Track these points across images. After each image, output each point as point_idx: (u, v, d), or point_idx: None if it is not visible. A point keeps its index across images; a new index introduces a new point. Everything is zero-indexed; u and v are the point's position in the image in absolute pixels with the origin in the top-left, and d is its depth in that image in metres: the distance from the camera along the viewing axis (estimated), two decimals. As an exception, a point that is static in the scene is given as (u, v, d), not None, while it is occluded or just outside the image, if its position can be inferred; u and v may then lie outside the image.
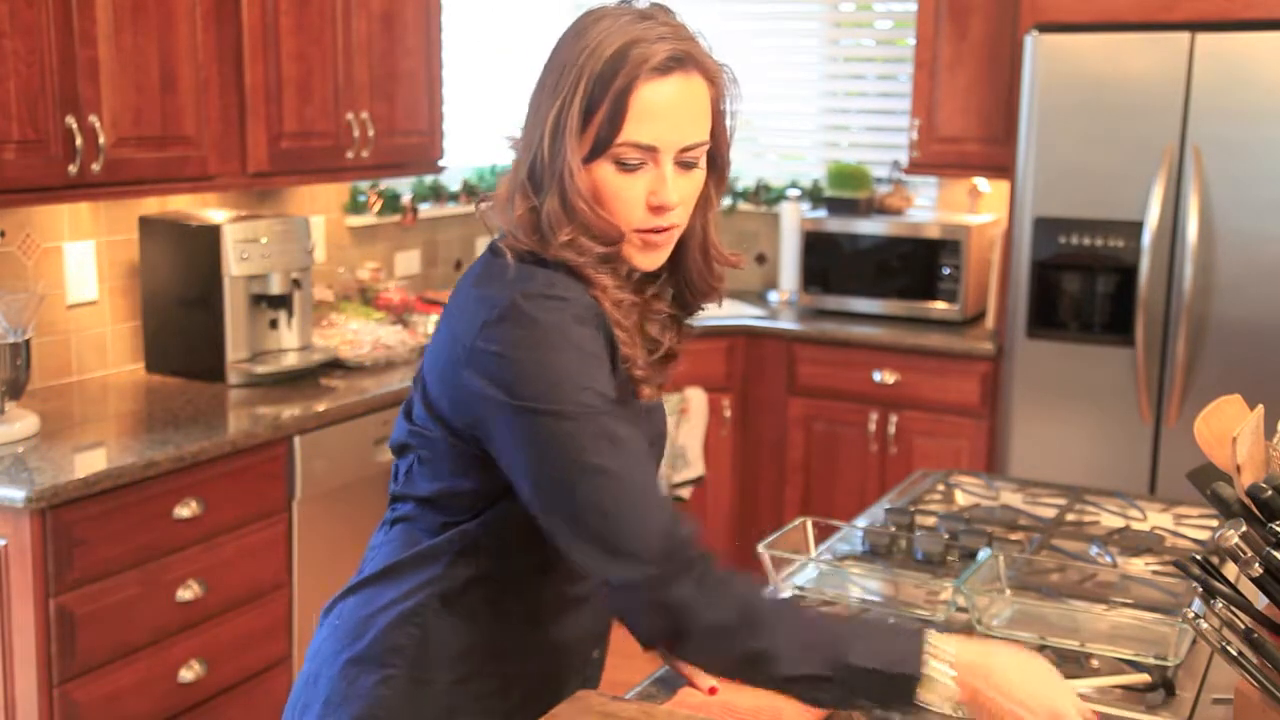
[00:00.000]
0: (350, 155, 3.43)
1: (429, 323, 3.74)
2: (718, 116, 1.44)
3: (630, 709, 1.43)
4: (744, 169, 4.89)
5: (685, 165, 1.39)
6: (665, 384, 1.50)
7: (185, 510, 2.63)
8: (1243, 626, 1.23)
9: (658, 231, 1.39)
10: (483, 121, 4.57)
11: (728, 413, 4.24)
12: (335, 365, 3.37)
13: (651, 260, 1.42)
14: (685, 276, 1.50)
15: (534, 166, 1.39)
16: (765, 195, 4.80)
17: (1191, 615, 1.28)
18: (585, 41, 1.37)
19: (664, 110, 1.36)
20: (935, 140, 4.14)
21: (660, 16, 1.42)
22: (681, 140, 1.38)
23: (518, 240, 1.39)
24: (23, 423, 2.64)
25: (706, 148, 1.42)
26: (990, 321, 4.15)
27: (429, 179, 4.24)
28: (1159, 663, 1.54)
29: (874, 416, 4.05)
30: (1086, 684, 1.52)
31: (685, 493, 4.23)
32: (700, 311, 1.56)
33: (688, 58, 1.39)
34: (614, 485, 1.31)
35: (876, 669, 1.27)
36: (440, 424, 1.39)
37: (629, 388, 1.40)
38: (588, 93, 1.35)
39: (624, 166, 1.36)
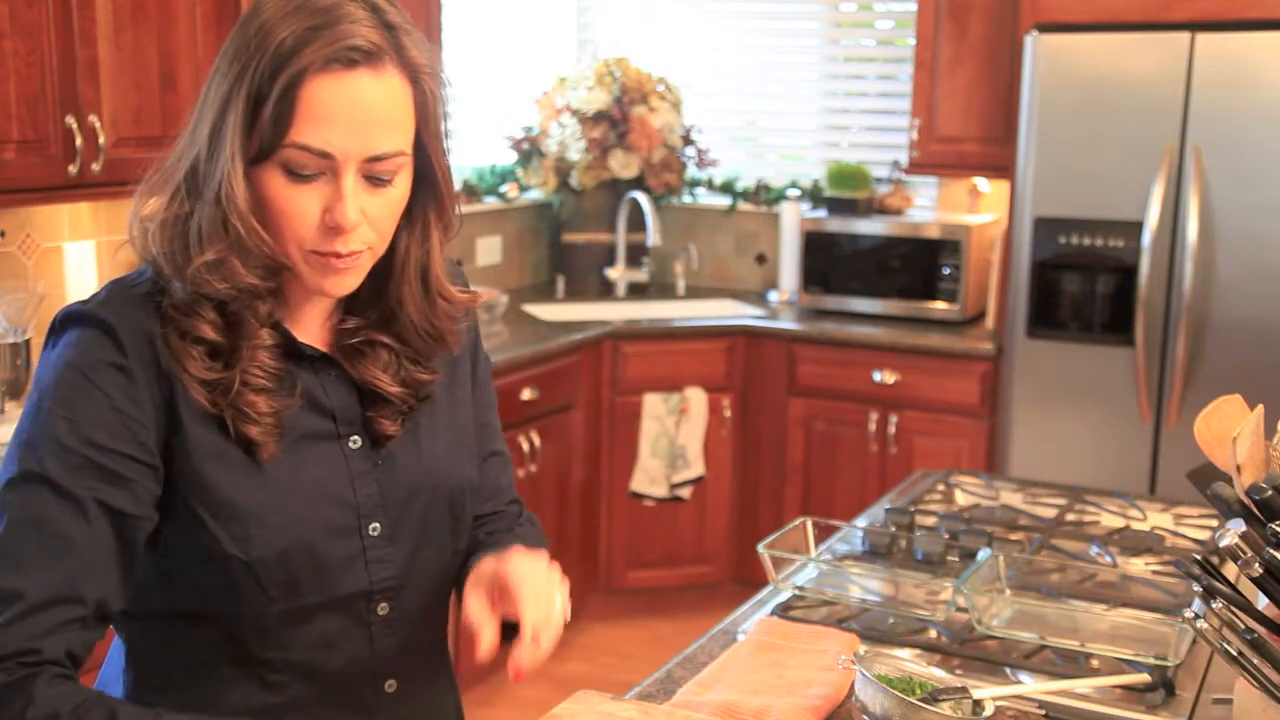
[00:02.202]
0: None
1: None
2: (426, 125, 1.21)
3: (630, 709, 1.43)
4: (744, 169, 4.89)
5: (376, 180, 1.17)
6: (395, 432, 1.28)
7: (185, 510, 2.63)
8: (1243, 626, 1.23)
9: (337, 256, 1.17)
10: (482, 121, 4.57)
11: (728, 413, 4.24)
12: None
13: (336, 285, 1.20)
14: (402, 314, 1.28)
15: (194, 166, 1.17)
16: (765, 195, 4.80)
17: (1191, 615, 1.28)
18: (258, 23, 1.14)
19: (343, 111, 1.13)
20: (935, 140, 4.14)
21: None
22: (365, 149, 1.14)
23: (149, 257, 1.19)
24: (23, 423, 2.64)
25: (405, 160, 1.19)
26: (990, 321, 4.15)
27: (429, 179, 4.23)
28: (1159, 663, 1.54)
29: (874, 416, 4.05)
30: (1086, 684, 1.52)
31: (685, 493, 4.23)
32: (433, 354, 1.32)
33: (381, 50, 1.15)
34: None
35: None
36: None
37: (249, 446, 1.19)
38: (254, 83, 1.13)
39: (295, 176, 1.14)
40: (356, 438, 1.28)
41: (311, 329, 1.28)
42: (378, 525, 1.27)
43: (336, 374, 1.28)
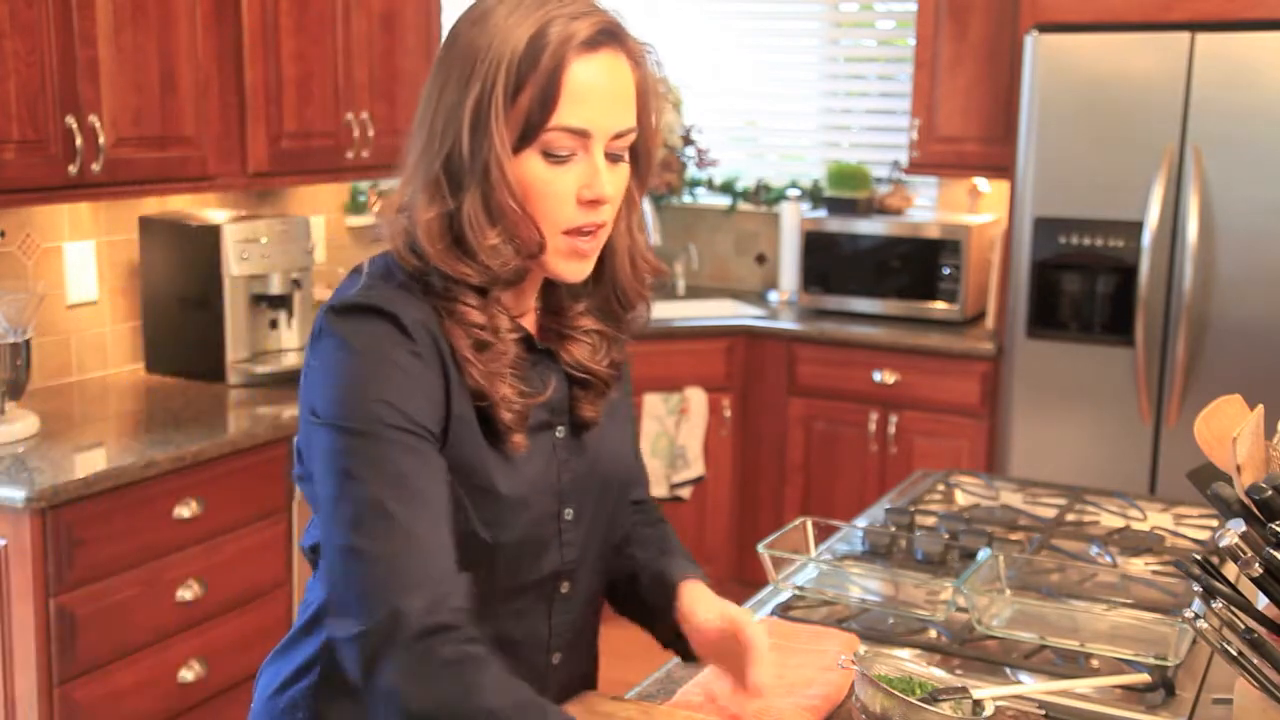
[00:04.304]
0: (350, 155, 3.43)
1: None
2: (644, 103, 1.29)
3: (630, 709, 1.43)
4: (744, 169, 4.89)
5: (613, 157, 1.26)
6: (597, 416, 1.36)
7: (185, 510, 2.63)
8: (1243, 626, 1.23)
9: (587, 233, 1.25)
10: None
11: (728, 413, 4.24)
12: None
13: (578, 270, 1.28)
14: (615, 286, 1.36)
15: (449, 164, 1.23)
16: (765, 195, 4.80)
17: (1191, 615, 1.28)
18: (493, 24, 1.22)
19: (597, 90, 1.22)
20: (935, 140, 4.14)
21: None
22: (614, 125, 1.24)
23: (409, 253, 1.25)
24: (23, 423, 2.64)
25: (633, 137, 1.28)
26: (990, 321, 4.15)
27: (429, 179, 4.23)
28: (1159, 663, 1.54)
29: (874, 416, 4.05)
30: (1086, 684, 1.52)
31: (685, 493, 4.23)
32: (631, 326, 1.40)
33: (618, 32, 1.26)
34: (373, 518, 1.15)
35: None
36: (299, 457, 1.29)
37: (498, 432, 1.25)
38: (511, 76, 1.20)
39: (553, 157, 1.22)
40: (562, 427, 1.35)
41: (528, 322, 1.34)
42: (571, 510, 1.35)
43: (551, 365, 1.34)
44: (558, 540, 1.33)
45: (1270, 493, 1.25)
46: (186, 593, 2.65)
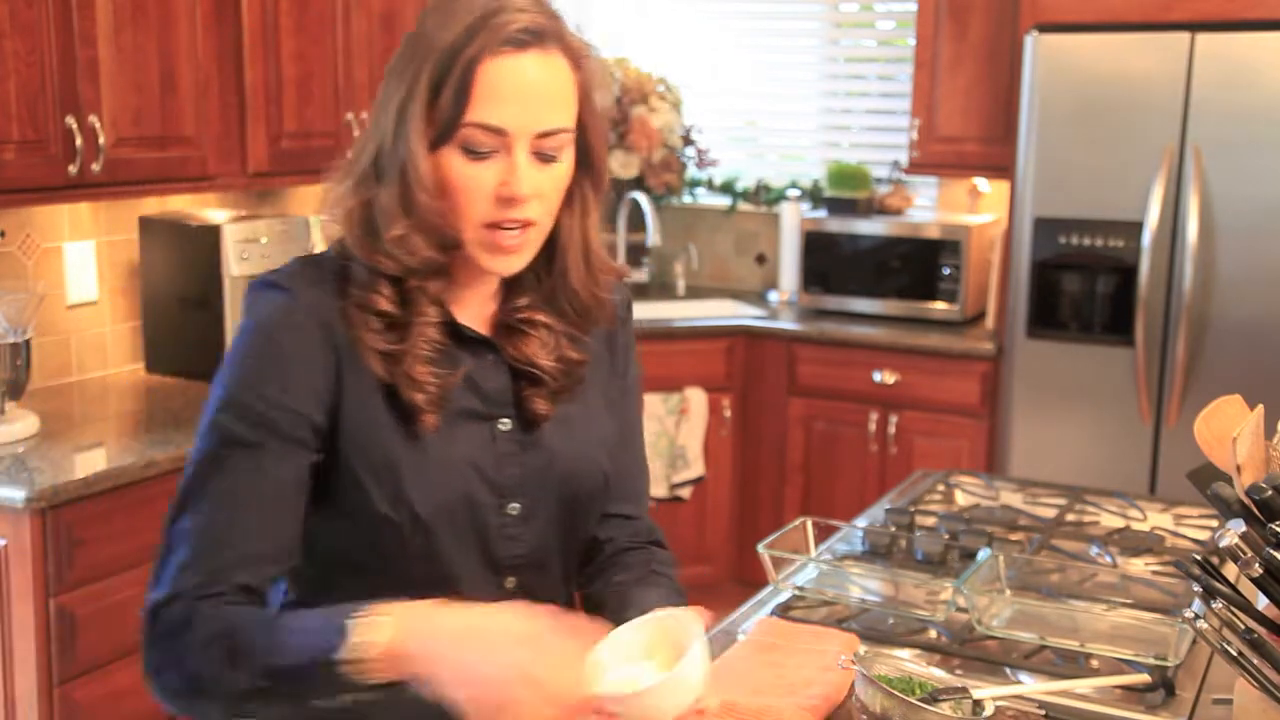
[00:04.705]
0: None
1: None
2: (586, 105, 1.31)
3: (630, 709, 1.42)
4: (744, 169, 4.89)
5: (544, 157, 1.27)
6: (549, 413, 1.36)
7: (185, 510, 2.63)
8: (1243, 627, 1.23)
9: (507, 228, 1.27)
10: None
11: (728, 413, 4.24)
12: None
13: (505, 264, 1.30)
14: (564, 284, 1.37)
15: (377, 157, 1.28)
16: (765, 195, 4.80)
17: (1191, 615, 1.28)
18: (431, 23, 1.26)
19: (516, 90, 1.24)
20: (935, 140, 4.14)
21: None
22: (536, 124, 1.25)
23: (339, 242, 1.31)
24: (23, 423, 2.64)
25: (569, 137, 1.29)
26: (990, 321, 4.15)
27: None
28: (1159, 663, 1.54)
29: (874, 416, 4.05)
30: (1086, 684, 1.52)
31: (685, 493, 4.23)
32: (592, 328, 1.42)
33: (547, 33, 1.26)
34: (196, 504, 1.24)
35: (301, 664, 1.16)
36: None
37: (409, 412, 1.28)
38: (434, 70, 1.24)
39: (472, 154, 1.25)
40: (507, 420, 1.36)
41: (474, 313, 1.37)
42: (517, 505, 1.36)
43: (494, 358, 1.37)
44: (499, 534, 1.34)
45: (1270, 493, 1.25)
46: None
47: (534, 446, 1.37)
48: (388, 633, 1.15)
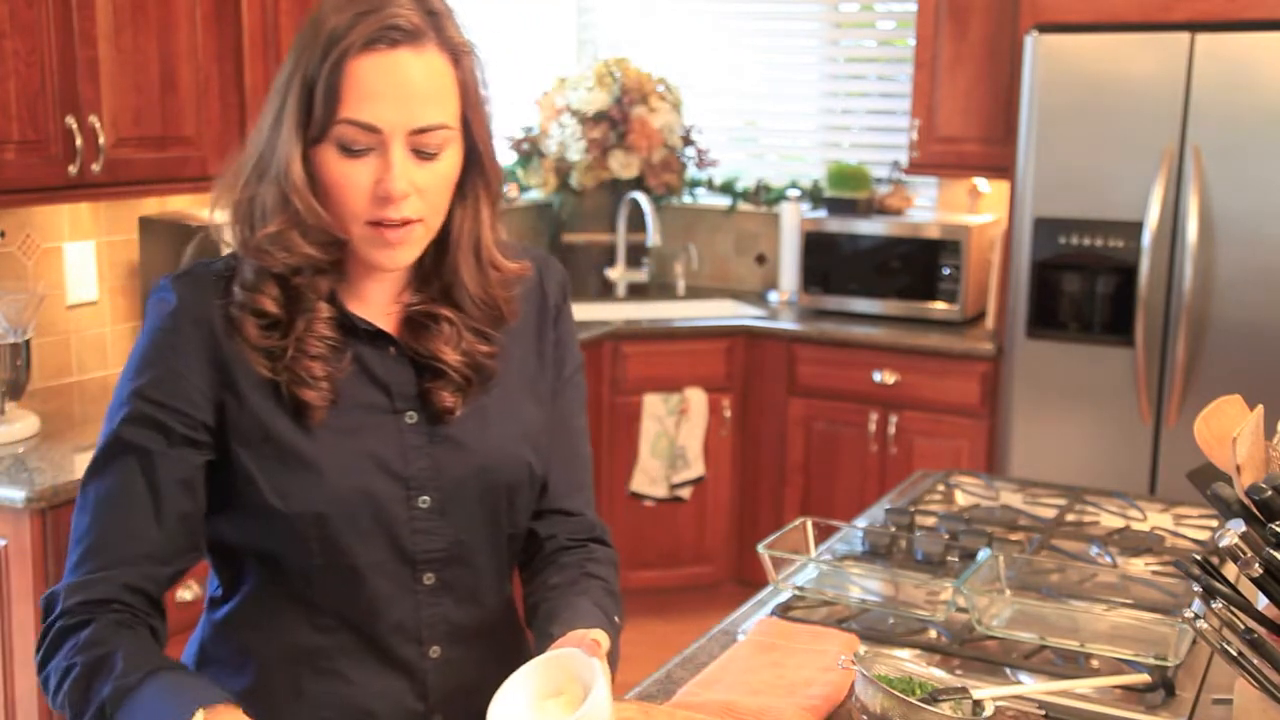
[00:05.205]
0: (350, 155, 3.42)
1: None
2: (470, 102, 1.30)
3: (630, 709, 1.43)
4: (744, 169, 4.89)
5: (423, 154, 1.26)
6: (456, 407, 1.35)
7: (185, 510, 2.63)
8: (1243, 626, 1.23)
9: (389, 225, 1.26)
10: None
11: (728, 413, 4.24)
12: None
13: (391, 258, 1.30)
14: (456, 280, 1.36)
15: (261, 154, 1.29)
16: (765, 195, 4.80)
17: (1191, 615, 1.28)
18: (316, 16, 1.26)
19: (388, 87, 1.23)
20: (935, 140, 4.14)
21: None
22: (410, 121, 1.24)
23: (231, 235, 1.33)
24: (23, 423, 2.64)
25: (450, 134, 1.28)
26: (990, 321, 4.15)
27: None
28: (1159, 663, 1.54)
29: (874, 416, 4.05)
30: (1086, 684, 1.52)
31: (685, 493, 4.23)
32: (493, 325, 1.39)
33: (421, 30, 1.25)
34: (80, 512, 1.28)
35: None
36: None
37: (299, 405, 1.29)
38: (308, 67, 1.24)
39: (347, 151, 1.25)
40: (413, 413, 1.35)
41: (377, 308, 1.37)
42: (427, 498, 1.34)
43: (395, 350, 1.36)
44: (409, 527, 1.33)
45: (1270, 493, 1.25)
46: (186, 593, 2.65)
47: (445, 439, 1.35)
48: None
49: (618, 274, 4.72)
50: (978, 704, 1.35)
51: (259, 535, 1.31)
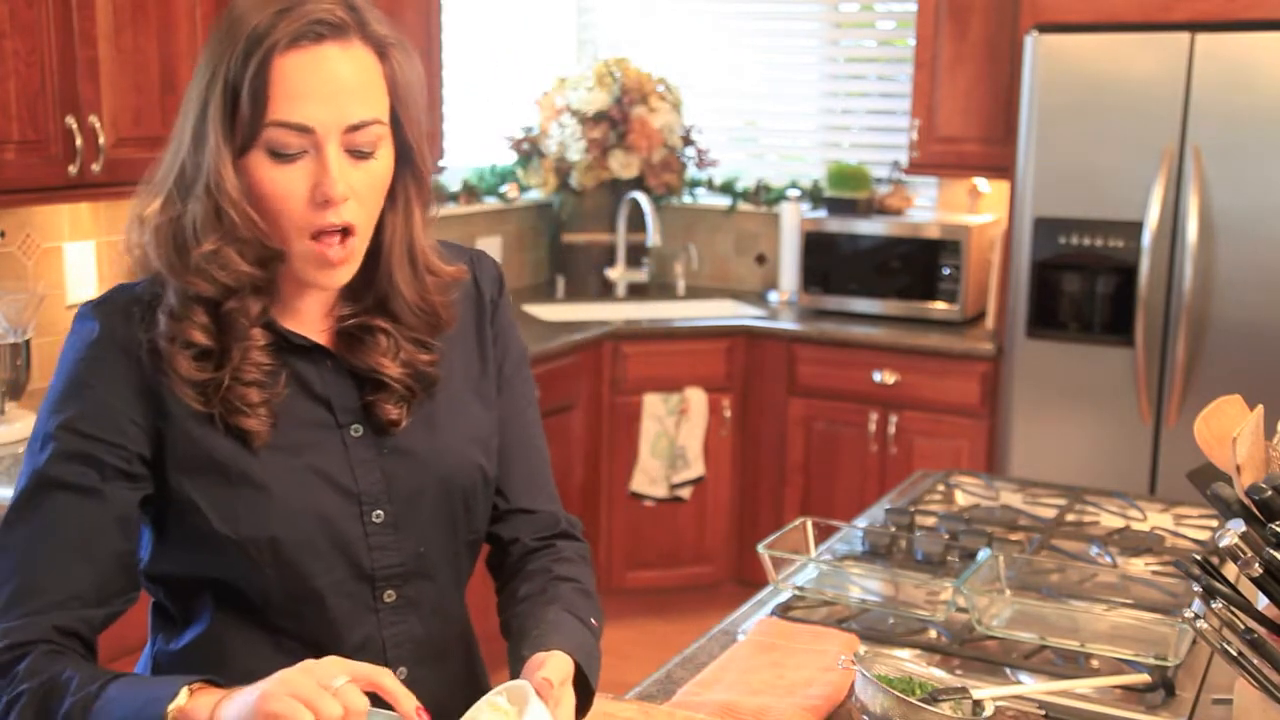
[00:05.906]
0: (350, 155, 3.42)
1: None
2: (399, 98, 1.25)
3: (630, 709, 1.43)
4: (744, 169, 4.89)
5: (358, 153, 1.20)
6: (400, 418, 1.29)
7: (185, 510, 2.63)
8: (1243, 626, 1.23)
9: (330, 234, 1.20)
10: (483, 122, 4.57)
11: (728, 413, 4.24)
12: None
13: (331, 277, 1.23)
14: (395, 294, 1.29)
15: (182, 169, 1.21)
16: (765, 195, 4.80)
17: (1191, 615, 1.28)
18: (234, 15, 1.19)
19: (315, 84, 1.17)
20: (935, 140, 4.14)
21: None
22: (343, 119, 1.18)
23: (144, 266, 1.23)
24: (23, 423, 2.64)
25: (383, 130, 1.22)
26: (990, 321, 4.15)
27: (429, 179, 4.23)
28: (1159, 663, 1.54)
29: (874, 416, 4.05)
30: (1086, 684, 1.52)
31: (685, 493, 4.23)
32: (431, 333, 1.33)
33: (345, 24, 1.20)
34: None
35: None
36: None
37: (240, 432, 1.23)
38: (229, 73, 1.17)
39: (280, 156, 1.18)
40: (358, 426, 1.30)
41: (310, 323, 1.31)
42: (381, 513, 1.29)
43: (333, 364, 1.30)
44: (364, 544, 1.28)
45: (1270, 493, 1.25)
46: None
47: (393, 451, 1.30)
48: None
49: (618, 274, 4.72)
50: (978, 704, 1.35)
51: (209, 564, 1.25)
